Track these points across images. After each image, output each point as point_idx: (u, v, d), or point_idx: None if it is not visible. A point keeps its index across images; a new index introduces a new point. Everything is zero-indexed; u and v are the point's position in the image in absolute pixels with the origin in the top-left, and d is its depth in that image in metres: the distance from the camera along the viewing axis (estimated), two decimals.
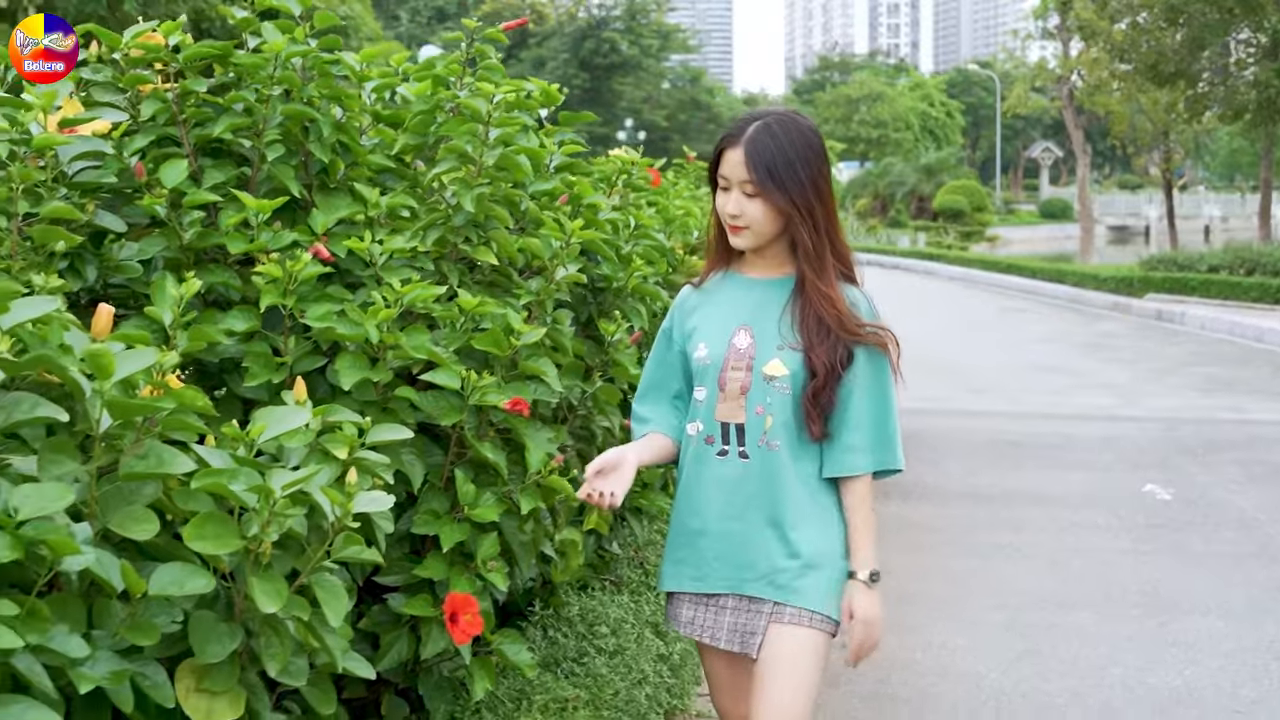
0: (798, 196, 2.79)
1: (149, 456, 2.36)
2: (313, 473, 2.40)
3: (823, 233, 2.85)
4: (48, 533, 2.03)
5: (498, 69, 3.67)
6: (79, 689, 2.10)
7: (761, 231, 2.85)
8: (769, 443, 2.84)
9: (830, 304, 2.83)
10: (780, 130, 2.82)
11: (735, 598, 2.90)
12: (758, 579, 2.86)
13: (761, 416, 2.85)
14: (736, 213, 2.83)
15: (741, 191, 2.82)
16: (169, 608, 2.33)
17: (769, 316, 2.90)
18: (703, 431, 2.92)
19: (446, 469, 3.23)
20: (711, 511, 2.90)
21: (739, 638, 2.89)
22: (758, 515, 2.86)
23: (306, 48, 3.40)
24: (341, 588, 2.50)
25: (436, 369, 3.10)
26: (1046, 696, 5.02)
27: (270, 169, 3.39)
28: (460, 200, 3.39)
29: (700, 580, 2.93)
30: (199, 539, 2.29)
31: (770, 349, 2.86)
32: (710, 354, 2.91)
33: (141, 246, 3.19)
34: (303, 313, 3.08)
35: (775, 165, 2.78)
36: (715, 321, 2.95)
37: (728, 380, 2.87)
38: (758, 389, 2.85)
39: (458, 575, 3.08)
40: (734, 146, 2.82)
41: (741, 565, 2.87)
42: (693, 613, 2.97)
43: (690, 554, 2.95)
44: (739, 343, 2.89)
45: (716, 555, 2.90)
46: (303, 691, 2.62)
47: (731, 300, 2.97)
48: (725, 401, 2.88)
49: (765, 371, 2.84)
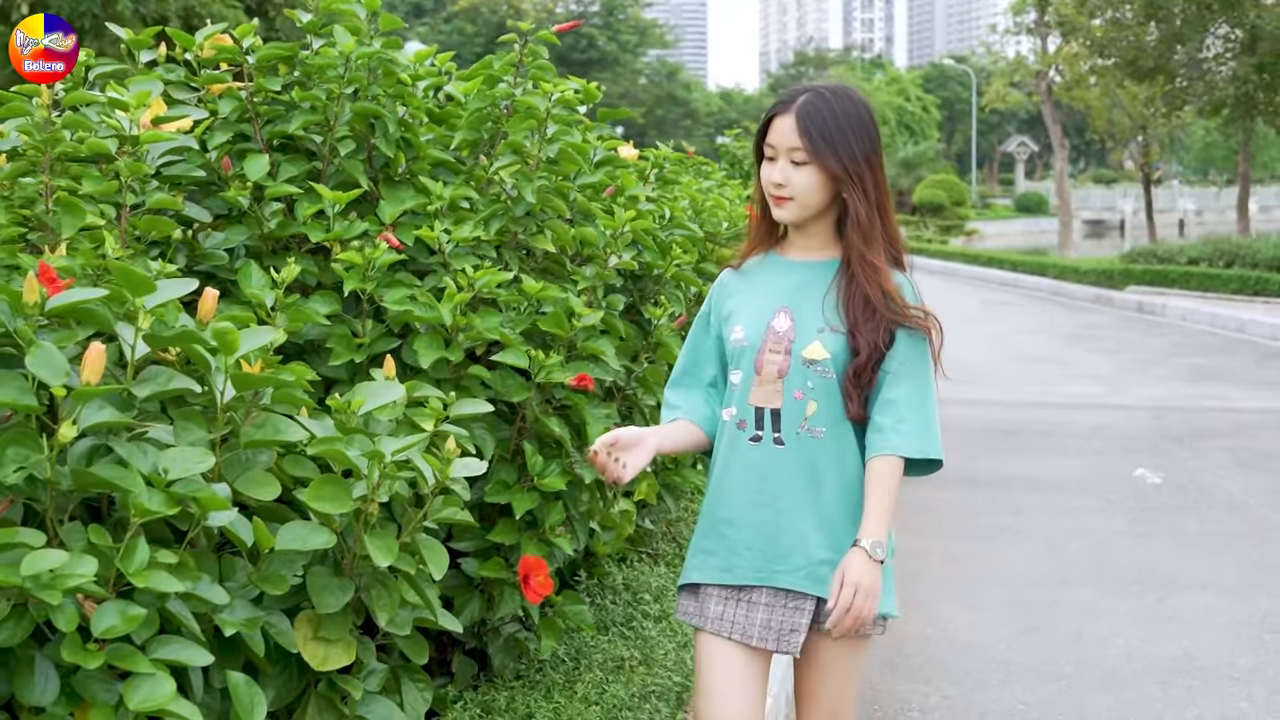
0: (850, 163, 2.68)
1: (265, 426, 2.58)
2: (418, 440, 2.62)
3: (874, 205, 2.73)
4: (197, 490, 2.25)
5: (549, 69, 3.89)
6: (224, 632, 2.33)
7: (807, 203, 2.73)
8: (810, 429, 2.73)
9: (877, 276, 2.71)
10: (833, 98, 2.71)
11: (768, 591, 2.75)
12: (793, 571, 2.72)
13: (801, 402, 2.73)
14: (782, 181, 2.71)
15: (789, 160, 2.70)
16: (290, 563, 2.55)
17: (810, 298, 2.78)
18: (735, 416, 2.80)
19: (513, 442, 3.45)
20: (741, 499, 2.77)
21: (774, 634, 2.74)
22: (794, 503, 2.72)
23: (374, 49, 3.61)
24: (441, 546, 2.72)
25: (506, 349, 3.32)
26: (1054, 666, 5.27)
27: (340, 163, 3.60)
28: (521, 191, 3.61)
29: (728, 571, 2.77)
30: (318, 499, 2.51)
31: (810, 331, 2.74)
32: (747, 335, 2.79)
33: (227, 235, 3.40)
34: (381, 297, 3.30)
35: (828, 129, 2.67)
36: (753, 303, 2.83)
37: (764, 363, 2.75)
38: (796, 373, 2.73)
39: (528, 541, 3.30)
40: (784, 113, 2.72)
41: (774, 556, 2.73)
42: (722, 608, 2.78)
43: (718, 544, 2.80)
44: (778, 325, 2.77)
45: (747, 545, 2.76)
46: (399, 643, 2.85)
47: (771, 282, 2.84)
48: (761, 385, 2.76)
49: (805, 355, 2.72)
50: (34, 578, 1.96)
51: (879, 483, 2.72)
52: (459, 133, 3.84)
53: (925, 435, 2.73)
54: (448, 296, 3.24)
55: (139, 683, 2.05)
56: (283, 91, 3.72)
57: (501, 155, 3.72)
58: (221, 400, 2.53)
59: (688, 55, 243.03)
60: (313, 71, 3.71)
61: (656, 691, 3.68)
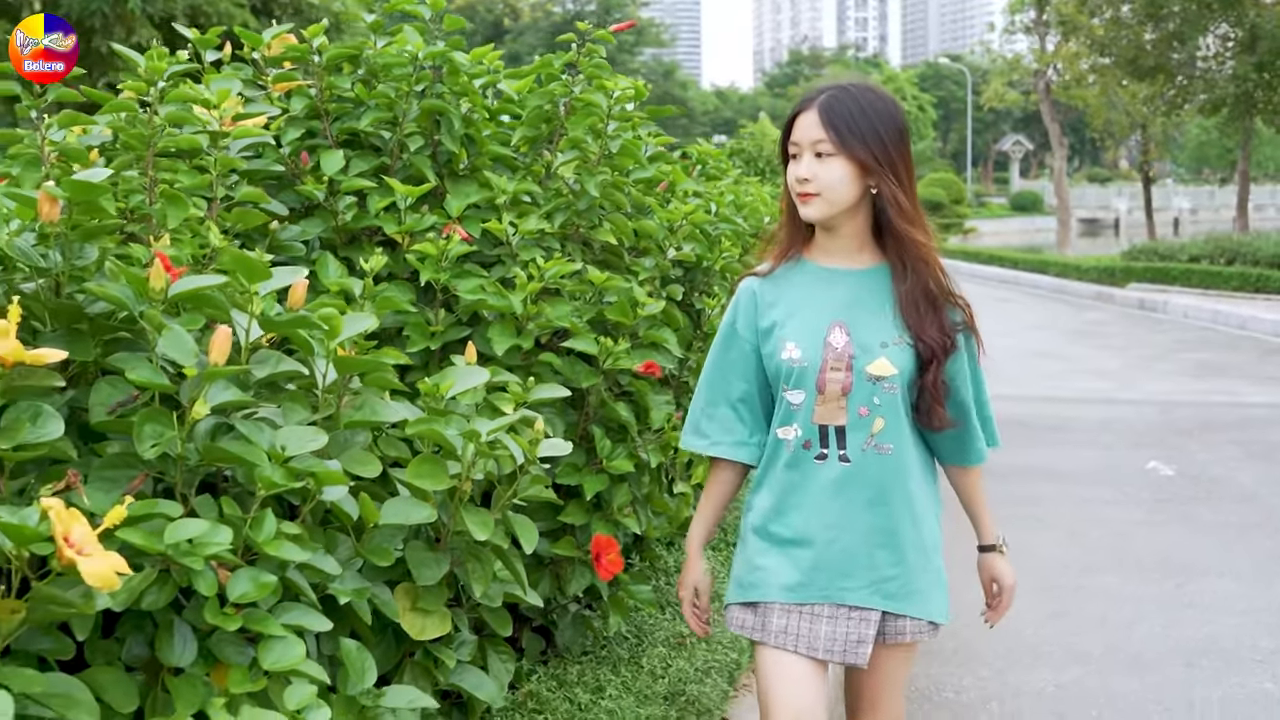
0: (878, 151, 2.63)
1: (364, 407, 2.71)
2: (508, 421, 2.75)
3: (910, 191, 2.70)
4: (314, 466, 2.38)
5: (605, 67, 4.02)
6: (339, 600, 2.46)
7: (834, 198, 2.66)
8: (878, 445, 2.69)
9: (929, 253, 2.72)
10: (858, 93, 2.68)
11: (831, 606, 2.73)
12: (861, 587, 2.72)
13: (868, 418, 2.68)
14: (808, 175, 2.65)
15: (814, 153, 2.65)
16: (392, 537, 2.68)
17: (866, 310, 2.72)
18: (800, 436, 2.73)
19: (580, 427, 3.58)
20: (808, 519, 2.73)
21: (840, 647, 2.72)
22: (863, 522, 2.70)
23: (440, 49, 3.74)
24: (530, 522, 2.85)
25: (576, 337, 3.45)
26: (1081, 649, 5.41)
27: (409, 158, 3.73)
28: (584, 186, 3.75)
29: (794, 590, 2.74)
30: (418, 477, 2.65)
31: (874, 347, 2.68)
32: (805, 355, 2.70)
33: (304, 227, 3.53)
34: (455, 287, 3.43)
35: (853, 119, 2.63)
36: (802, 318, 2.75)
37: (827, 382, 2.68)
38: (861, 389, 2.67)
39: (597, 521, 3.44)
40: (807, 110, 2.68)
41: (842, 574, 2.72)
42: (785, 620, 2.75)
43: (782, 563, 2.76)
44: (835, 341, 2.70)
45: (814, 565, 2.73)
46: (486, 615, 2.98)
47: (814, 293, 2.76)
48: (824, 404, 2.70)
49: (870, 371, 2.67)
50: (175, 546, 2.08)
51: (978, 488, 2.95)
52: (519, 129, 3.97)
53: (991, 430, 2.93)
54: (520, 286, 3.37)
55: (271, 645, 2.18)
56: (349, 89, 3.85)
57: (563, 151, 3.85)
58: (323, 383, 2.66)
59: (682, 54, 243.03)
60: (378, 70, 3.84)
61: (715, 667, 3.83)
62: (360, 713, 2.43)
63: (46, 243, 2.45)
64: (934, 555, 2.81)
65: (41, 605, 1.92)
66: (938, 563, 2.81)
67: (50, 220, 2.42)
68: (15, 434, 2.08)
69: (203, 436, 2.37)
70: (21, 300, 2.34)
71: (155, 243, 2.80)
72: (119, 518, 1.94)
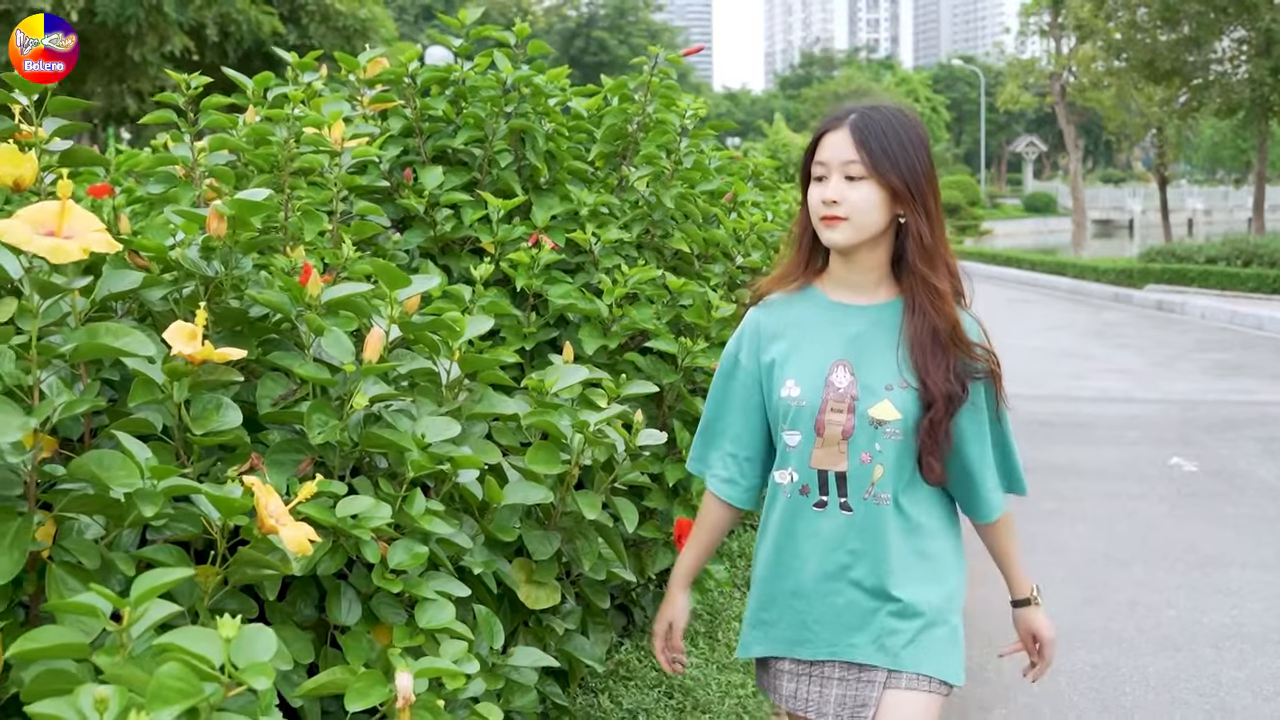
0: (911, 179, 2.47)
1: (484, 400, 3.03)
2: (612, 414, 3.06)
3: (936, 226, 2.53)
4: (452, 451, 2.69)
5: (676, 88, 4.33)
6: (472, 571, 2.77)
7: (862, 223, 2.48)
8: (877, 495, 2.52)
9: (943, 305, 2.52)
10: (889, 113, 2.52)
11: (841, 665, 2.57)
12: (867, 644, 2.54)
13: (868, 465, 2.51)
14: (836, 197, 2.46)
15: (843, 176, 2.47)
16: (511, 517, 2.99)
17: (872, 350, 2.55)
18: (797, 481, 2.56)
19: (660, 419, 3.90)
20: (810, 570, 2.57)
21: (848, 711, 2.56)
22: (865, 574, 2.53)
23: (527, 73, 4.06)
24: (631, 504, 3.17)
25: (657, 337, 3.76)
26: (1113, 632, 5.71)
27: (498, 174, 4.05)
28: (660, 198, 4.06)
29: (799, 645, 2.60)
30: (535, 462, 2.96)
31: (878, 389, 2.51)
32: (804, 394, 2.54)
33: (406, 237, 3.85)
34: (546, 292, 3.75)
35: (887, 142, 2.46)
36: (804, 354, 2.58)
37: (826, 424, 2.51)
38: (862, 434, 2.50)
39: (677, 506, 3.75)
40: (837, 128, 2.50)
41: (846, 629, 2.55)
42: (794, 685, 2.62)
43: (784, 616, 2.62)
44: (837, 381, 2.53)
45: (817, 619, 2.57)
46: (586, 589, 3.29)
47: (820, 330, 2.59)
48: (823, 447, 2.52)
49: (873, 415, 2.50)
50: (344, 519, 2.40)
51: (1002, 540, 2.75)
52: (596, 145, 4.29)
53: (1014, 478, 2.72)
54: (607, 291, 3.69)
55: (426, 607, 2.49)
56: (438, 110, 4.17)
57: (638, 165, 4.17)
58: (447, 379, 2.98)
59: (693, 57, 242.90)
60: (465, 92, 4.16)
61: None
62: (490, 670, 2.74)
63: (210, 254, 2.76)
64: (948, 613, 2.58)
65: (241, 568, 2.23)
66: (954, 621, 2.59)
67: (218, 234, 2.73)
68: (205, 422, 2.39)
69: (355, 426, 2.68)
70: (189, 306, 2.67)
71: (291, 253, 3.11)
72: (310, 493, 2.25)
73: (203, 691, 1.60)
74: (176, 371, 2.33)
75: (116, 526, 2.22)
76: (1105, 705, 4.90)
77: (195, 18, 22.08)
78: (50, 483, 2.15)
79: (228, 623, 1.67)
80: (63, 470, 2.13)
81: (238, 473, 2.40)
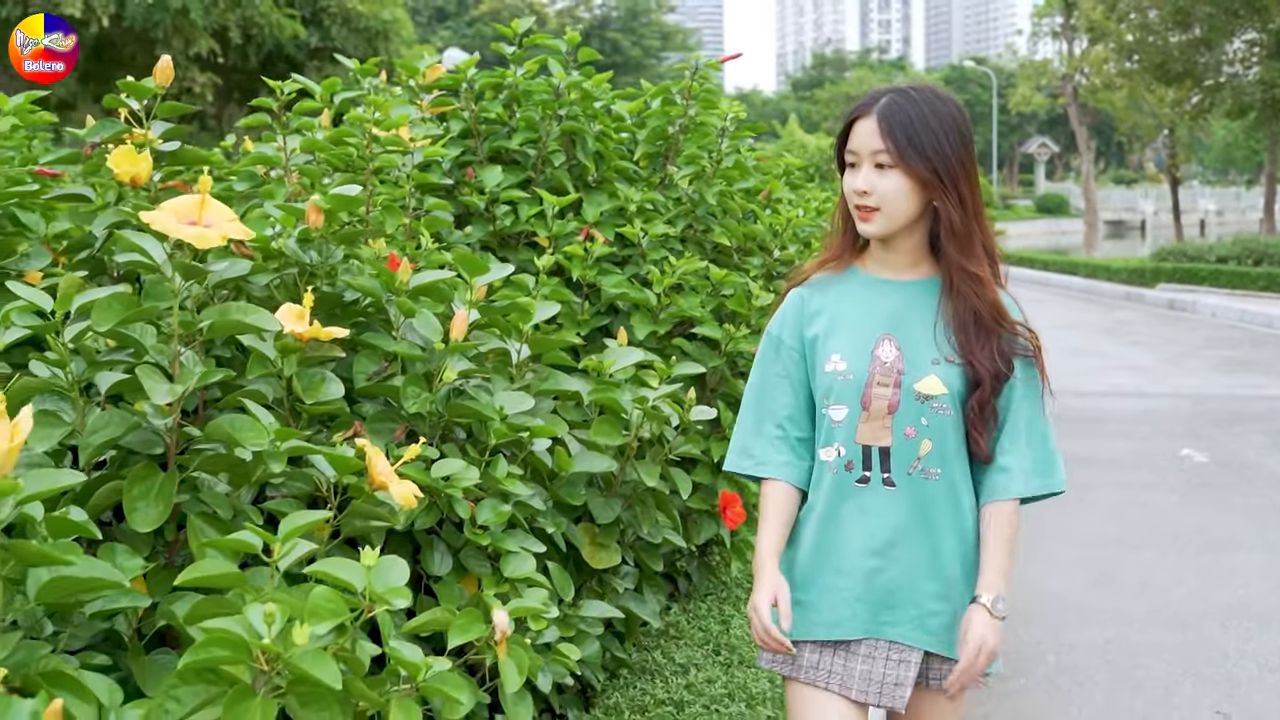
0: (940, 166, 2.44)
1: (550, 379, 3.32)
2: (668, 391, 3.36)
3: (970, 213, 2.49)
4: (529, 422, 2.98)
5: (716, 92, 4.63)
6: (546, 529, 3.07)
7: (894, 212, 2.48)
8: (925, 470, 2.50)
9: (983, 290, 2.50)
10: (919, 97, 2.48)
11: (870, 643, 2.53)
12: (904, 623, 2.51)
13: (914, 440, 2.49)
14: (866, 188, 2.47)
15: (873, 164, 2.47)
16: (577, 484, 3.29)
17: (916, 324, 2.55)
18: (843, 457, 2.54)
19: (706, 401, 4.19)
20: (850, 547, 2.53)
21: (875, 688, 2.52)
22: (907, 551, 2.51)
23: (578, 79, 4.36)
24: (685, 474, 3.46)
25: (702, 324, 4.06)
26: (1125, 611, 5.99)
27: (551, 173, 4.35)
28: (703, 195, 4.36)
29: (834, 626, 2.54)
30: (599, 435, 3.26)
31: (924, 363, 2.50)
32: (851, 367, 2.52)
33: (469, 231, 4.15)
34: (599, 282, 4.04)
35: (914, 129, 2.44)
36: (849, 328, 2.56)
37: (873, 398, 2.50)
38: (908, 408, 2.49)
39: (721, 480, 4.04)
40: (865, 116, 2.49)
41: (883, 607, 2.52)
42: (817, 656, 2.56)
43: (822, 597, 2.56)
44: (883, 355, 2.52)
45: (856, 596, 2.52)
46: (641, 553, 3.58)
47: (864, 304, 2.58)
48: (868, 422, 2.50)
49: (919, 389, 2.49)
50: (438, 480, 2.69)
51: (998, 531, 2.53)
52: (640, 146, 4.59)
53: (1048, 469, 2.59)
54: (656, 281, 3.98)
55: (510, 559, 2.78)
56: (493, 113, 4.48)
57: (682, 165, 4.47)
58: (517, 358, 3.27)
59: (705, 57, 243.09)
60: (519, 96, 4.46)
61: None
62: (563, 619, 3.03)
63: (306, 245, 3.05)
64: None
65: (352, 520, 2.52)
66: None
67: (316, 227, 3.02)
68: (313, 393, 2.69)
69: (442, 398, 2.97)
70: (286, 292, 2.96)
71: (374, 244, 3.41)
72: (415, 454, 2.54)
73: (348, 612, 1.89)
74: (287, 348, 2.62)
75: (241, 483, 2.51)
76: (1120, 675, 5.18)
77: (219, 21, 22.48)
78: (185, 444, 2.44)
79: (368, 553, 1.97)
80: (198, 432, 2.41)
81: (343, 438, 2.69)
